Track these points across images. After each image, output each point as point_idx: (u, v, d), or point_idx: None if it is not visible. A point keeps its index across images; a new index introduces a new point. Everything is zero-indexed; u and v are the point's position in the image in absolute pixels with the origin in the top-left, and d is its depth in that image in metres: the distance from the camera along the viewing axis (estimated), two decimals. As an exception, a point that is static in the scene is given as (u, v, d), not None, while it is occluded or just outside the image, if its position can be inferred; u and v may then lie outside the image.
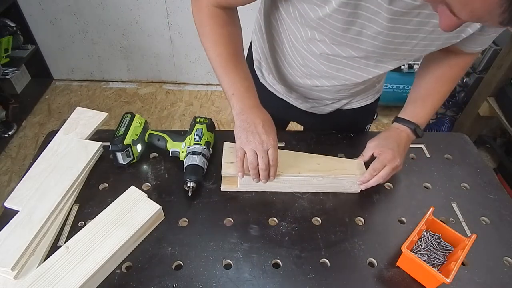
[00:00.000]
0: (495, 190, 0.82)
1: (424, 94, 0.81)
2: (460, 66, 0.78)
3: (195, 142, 0.79)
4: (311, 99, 0.91)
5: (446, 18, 0.42)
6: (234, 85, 0.70)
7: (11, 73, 2.12)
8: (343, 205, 0.77)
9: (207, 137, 0.81)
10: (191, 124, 0.84)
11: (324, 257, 0.67)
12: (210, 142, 0.82)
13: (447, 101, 2.31)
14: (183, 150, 0.80)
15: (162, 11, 2.22)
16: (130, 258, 0.65)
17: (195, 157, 0.77)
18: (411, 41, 0.63)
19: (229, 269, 0.64)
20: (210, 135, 0.83)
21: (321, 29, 0.63)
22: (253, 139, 0.68)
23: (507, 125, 1.81)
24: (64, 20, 2.27)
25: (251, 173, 0.71)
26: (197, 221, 0.72)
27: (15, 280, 0.59)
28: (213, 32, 0.70)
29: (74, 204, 0.73)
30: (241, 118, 0.69)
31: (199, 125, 0.83)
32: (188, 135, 0.81)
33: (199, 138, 0.80)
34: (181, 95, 2.51)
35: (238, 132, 0.70)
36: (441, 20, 0.44)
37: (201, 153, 0.78)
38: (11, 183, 1.85)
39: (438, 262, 0.65)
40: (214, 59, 0.70)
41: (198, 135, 0.80)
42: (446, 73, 0.79)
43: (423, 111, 0.80)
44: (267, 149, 0.68)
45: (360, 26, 0.60)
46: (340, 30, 0.61)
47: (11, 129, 2.10)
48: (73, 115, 0.88)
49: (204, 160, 0.78)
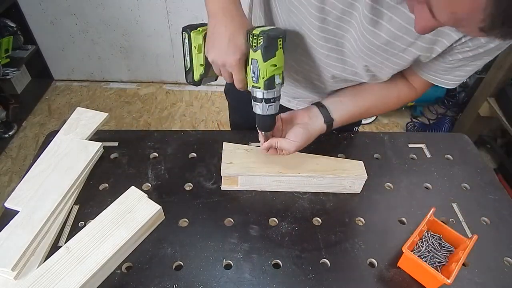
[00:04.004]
0: (495, 190, 0.82)
1: (362, 106, 0.76)
2: (401, 95, 0.75)
3: (253, 83, 0.61)
4: (296, 98, 0.90)
5: (423, 19, 0.41)
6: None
7: (11, 73, 2.12)
8: (344, 205, 0.77)
9: (265, 71, 0.59)
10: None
11: (325, 258, 0.67)
12: (274, 76, 0.60)
13: (447, 101, 2.31)
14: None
15: (162, 11, 2.22)
16: (130, 258, 0.65)
17: (256, 106, 0.63)
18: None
19: (229, 270, 0.64)
20: (272, 64, 0.58)
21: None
22: (218, 56, 0.60)
23: (508, 125, 1.81)
24: (64, 21, 2.27)
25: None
26: (197, 221, 0.72)
27: (15, 280, 0.59)
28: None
29: (74, 204, 0.73)
30: (210, 23, 0.61)
31: (253, 52, 0.58)
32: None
33: (256, 76, 0.60)
34: (182, 95, 2.51)
35: (207, 39, 0.63)
36: (417, 21, 0.43)
37: (263, 98, 0.62)
38: (12, 184, 1.85)
39: (439, 263, 0.65)
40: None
41: (255, 72, 0.60)
42: (388, 95, 0.75)
43: (349, 115, 0.76)
44: (230, 72, 0.62)
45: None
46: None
47: (11, 130, 2.10)
48: (73, 116, 0.88)
49: (269, 106, 0.62)
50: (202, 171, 0.81)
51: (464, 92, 2.24)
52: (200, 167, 0.82)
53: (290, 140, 0.69)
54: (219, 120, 2.32)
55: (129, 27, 2.31)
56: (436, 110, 2.34)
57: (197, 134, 0.91)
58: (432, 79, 0.68)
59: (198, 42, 0.66)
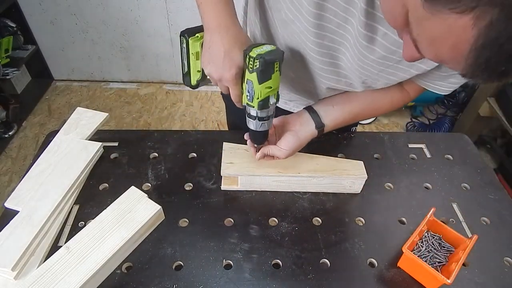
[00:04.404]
0: (495, 190, 0.82)
1: (354, 111, 0.76)
2: (394, 100, 0.75)
3: (247, 101, 0.62)
4: (293, 101, 0.90)
5: (410, 50, 0.41)
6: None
7: (11, 73, 2.12)
8: (344, 205, 0.77)
9: (260, 92, 0.59)
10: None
11: (325, 258, 0.67)
12: (269, 97, 0.61)
13: (447, 101, 2.31)
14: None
15: (162, 12, 2.22)
16: (130, 258, 0.65)
17: (250, 121, 0.65)
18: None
19: (229, 270, 0.64)
20: (267, 86, 0.58)
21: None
22: (214, 71, 0.60)
23: (508, 125, 1.80)
24: (64, 21, 2.27)
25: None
26: (197, 221, 0.72)
27: (15, 280, 0.59)
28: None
29: (74, 204, 0.73)
30: (206, 37, 0.61)
31: (249, 73, 0.58)
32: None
33: (250, 96, 0.60)
34: (181, 95, 2.51)
35: (203, 53, 0.63)
36: (404, 50, 0.43)
37: (256, 116, 0.63)
38: (11, 184, 1.85)
39: (439, 263, 0.65)
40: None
41: (250, 92, 0.60)
42: (380, 98, 0.75)
43: (340, 120, 0.76)
44: (226, 86, 0.62)
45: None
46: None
47: (11, 130, 2.10)
48: (73, 116, 0.88)
49: (262, 124, 0.64)
50: (202, 171, 0.81)
51: (464, 92, 2.24)
52: (200, 167, 0.82)
53: (281, 148, 0.71)
54: (219, 120, 2.32)
55: (129, 27, 2.31)
56: (436, 110, 2.34)
57: (197, 134, 0.91)
58: (426, 85, 0.68)
59: (196, 50, 0.66)
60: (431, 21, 0.35)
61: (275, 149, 0.71)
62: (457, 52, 0.35)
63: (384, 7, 0.44)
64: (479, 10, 0.30)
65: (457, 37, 0.33)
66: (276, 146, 0.71)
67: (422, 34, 0.38)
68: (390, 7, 0.42)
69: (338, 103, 0.75)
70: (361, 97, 0.75)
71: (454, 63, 0.37)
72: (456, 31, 0.33)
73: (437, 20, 0.34)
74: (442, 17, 0.33)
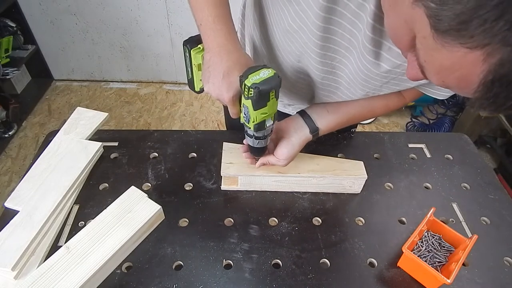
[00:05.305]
0: (495, 190, 0.82)
1: (348, 114, 0.76)
2: (390, 104, 0.75)
3: (244, 121, 0.63)
4: (291, 105, 0.90)
5: (414, 70, 0.41)
6: (201, 13, 0.60)
7: (11, 73, 2.12)
8: (343, 205, 0.77)
9: (255, 117, 0.59)
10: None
11: (324, 257, 0.67)
12: (265, 121, 0.62)
13: (447, 101, 2.31)
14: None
15: (162, 11, 2.22)
16: (130, 258, 0.65)
17: (247, 138, 0.68)
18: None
19: (229, 269, 0.64)
20: (262, 112, 0.59)
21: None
22: (212, 90, 0.61)
23: (508, 125, 1.80)
24: (64, 21, 2.27)
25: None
26: (197, 221, 0.72)
27: (15, 280, 0.59)
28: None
29: (75, 204, 0.73)
30: (206, 57, 0.61)
31: (244, 99, 0.58)
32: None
33: (247, 118, 0.61)
34: (181, 95, 2.51)
35: (202, 71, 0.63)
36: (409, 70, 0.43)
37: (253, 135, 0.65)
38: (12, 183, 1.85)
39: (439, 263, 0.65)
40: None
41: (246, 114, 0.60)
42: (376, 101, 0.75)
43: (334, 124, 0.76)
44: (225, 104, 0.63)
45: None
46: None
47: (11, 129, 2.10)
48: (73, 115, 0.88)
49: (258, 141, 0.66)
50: (202, 171, 0.81)
51: (464, 92, 2.24)
52: (200, 167, 0.82)
53: (277, 158, 0.72)
54: (219, 120, 2.32)
55: (129, 27, 2.31)
56: (436, 110, 2.34)
57: (197, 134, 0.91)
58: (424, 90, 0.67)
59: (197, 62, 0.67)
60: (440, 52, 0.34)
61: (273, 159, 0.73)
62: (465, 83, 0.35)
63: (388, 23, 0.44)
64: (491, 47, 0.30)
65: (466, 70, 0.34)
66: (273, 156, 0.72)
67: (430, 62, 0.37)
68: (394, 27, 0.41)
69: (332, 107, 0.75)
70: (355, 102, 0.74)
71: (461, 92, 0.37)
72: (465, 65, 0.33)
73: (447, 52, 0.34)
74: (452, 49, 0.33)
